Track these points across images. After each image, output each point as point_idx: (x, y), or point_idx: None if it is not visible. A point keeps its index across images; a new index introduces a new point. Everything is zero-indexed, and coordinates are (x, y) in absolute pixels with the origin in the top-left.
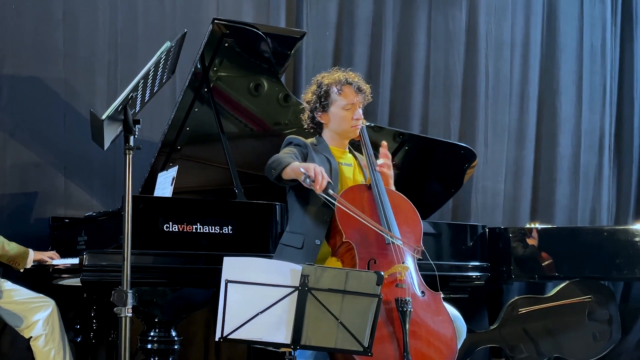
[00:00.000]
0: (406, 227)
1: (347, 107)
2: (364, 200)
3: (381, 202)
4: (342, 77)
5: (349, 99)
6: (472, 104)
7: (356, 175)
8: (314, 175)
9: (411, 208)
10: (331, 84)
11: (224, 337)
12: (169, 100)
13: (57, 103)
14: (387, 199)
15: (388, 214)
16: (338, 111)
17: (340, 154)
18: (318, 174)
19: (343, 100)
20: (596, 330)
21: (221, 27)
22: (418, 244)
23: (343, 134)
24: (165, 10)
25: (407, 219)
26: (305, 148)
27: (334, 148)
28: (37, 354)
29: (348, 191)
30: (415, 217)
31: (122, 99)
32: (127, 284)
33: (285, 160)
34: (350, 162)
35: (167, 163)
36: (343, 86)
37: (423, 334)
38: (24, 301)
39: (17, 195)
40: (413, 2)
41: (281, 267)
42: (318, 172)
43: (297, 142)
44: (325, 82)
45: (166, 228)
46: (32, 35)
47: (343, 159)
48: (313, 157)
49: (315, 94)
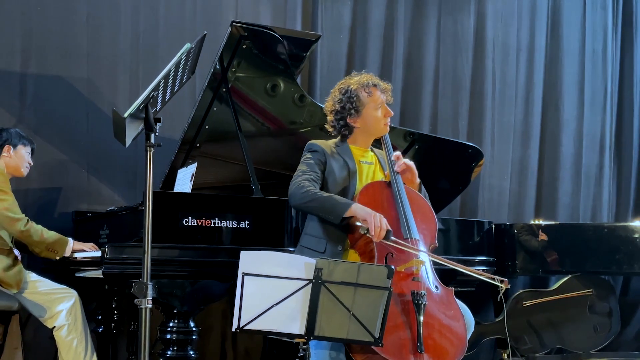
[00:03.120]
0: (423, 224)
1: (379, 106)
2: (383, 197)
3: (400, 198)
4: (368, 80)
5: (380, 99)
6: (480, 105)
7: (377, 172)
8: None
9: (427, 206)
10: (359, 87)
11: (240, 327)
12: (188, 100)
13: (81, 102)
14: (406, 196)
15: (407, 210)
16: (371, 112)
17: (362, 152)
18: (377, 227)
19: (374, 101)
20: (597, 323)
21: (239, 29)
22: (433, 241)
23: (376, 132)
24: (185, 13)
25: (424, 216)
26: (323, 155)
27: (357, 148)
28: (59, 343)
29: (368, 187)
30: (431, 215)
31: (143, 97)
32: (148, 276)
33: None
34: (372, 160)
35: (187, 160)
36: (371, 88)
37: (436, 326)
38: (48, 292)
39: (42, 190)
40: (424, 7)
41: (296, 261)
42: (377, 224)
43: (315, 148)
44: (352, 87)
45: (185, 222)
46: (56, 36)
47: (364, 158)
48: (330, 162)
49: (344, 100)
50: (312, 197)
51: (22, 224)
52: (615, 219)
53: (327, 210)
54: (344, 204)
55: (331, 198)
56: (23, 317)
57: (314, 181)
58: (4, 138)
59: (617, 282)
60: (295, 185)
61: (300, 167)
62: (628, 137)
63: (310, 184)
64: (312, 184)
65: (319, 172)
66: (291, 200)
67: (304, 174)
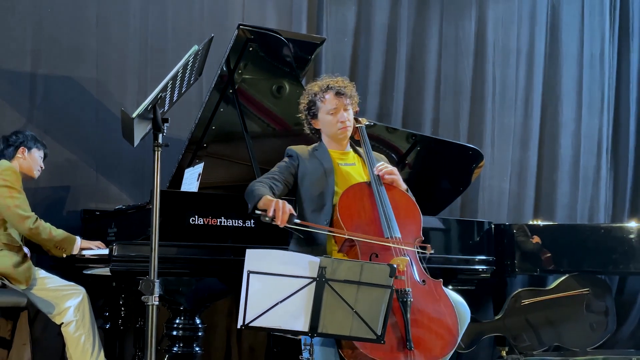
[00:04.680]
0: (406, 220)
1: (331, 111)
2: (364, 197)
3: (380, 198)
4: (324, 85)
5: (331, 104)
6: (480, 107)
7: (361, 173)
8: (273, 213)
9: (410, 202)
10: (315, 92)
11: (245, 324)
12: (196, 101)
13: (90, 102)
14: (387, 195)
15: (387, 210)
16: (324, 116)
17: (340, 155)
18: (278, 209)
19: (326, 106)
20: (593, 321)
21: (246, 32)
22: (418, 235)
23: (334, 136)
24: (193, 15)
25: (407, 213)
26: (296, 159)
27: (333, 151)
28: (67, 339)
29: (349, 189)
30: (415, 210)
31: (151, 98)
32: (155, 273)
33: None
34: (354, 162)
35: (194, 160)
36: (324, 93)
37: (425, 322)
38: (56, 288)
39: (52, 188)
40: (426, 12)
41: (300, 259)
42: (278, 207)
43: (290, 153)
44: (311, 91)
45: (192, 221)
46: (66, 37)
47: (345, 160)
48: (305, 165)
49: (306, 105)
50: (247, 191)
51: (31, 222)
52: (612, 220)
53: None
54: (257, 196)
55: (254, 192)
56: (32, 313)
57: (272, 180)
58: (20, 140)
59: (613, 282)
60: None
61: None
62: (624, 139)
63: (260, 184)
64: (263, 184)
65: (283, 174)
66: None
67: (266, 175)
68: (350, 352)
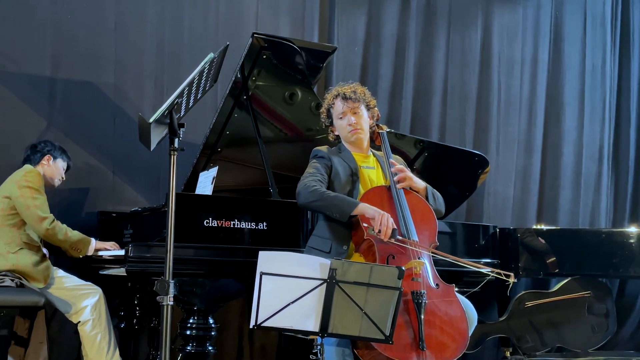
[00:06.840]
0: (422, 225)
1: (340, 116)
2: (384, 200)
3: (399, 202)
4: (334, 92)
5: (339, 108)
6: (486, 115)
7: (379, 176)
8: (379, 227)
9: (427, 207)
10: (329, 101)
11: (257, 324)
12: (210, 106)
13: (108, 107)
14: (405, 199)
15: (405, 214)
16: (336, 122)
17: (362, 158)
18: (384, 225)
19: (336, 111)
20: (594, 323)
21: (260, 40)
22: (433, 240)
23: (347, 140)
24: (209, 24)
25: (423, 217)
26: (329, 160)
27: (356, 154)
28: (84, 338)
29: (369, 192)
30: (431, 216)
31: (168, 104)
32: (169, 274)
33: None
34: (373, 165)
35: (208, 164)
36: (334, 99)
37: (437, 323)
38: (73, 288)
39: (70, 190)
40: (434, 23)
41: (311, 261)
42: (384, 223)
43: (321, 154)
44: (326, 100)
45: (206, 223)
46: (85, 43)
47: (365, 163)
48: (336, 166)
49: (324, 112)
50: (320, 196)
51: (48, 222)
52: (613, 225)
53: (334, 209)
54: (351, 202)
55: (338, 197)
56: (49, 313)
57: (320, 182)
58: (47, 148)
59: (613, 285)
60: (302, 185)
61: (307, 170)
62: (625, 147)
63: (317, 184)
64: (319, 184)
65: (325, 174)
66: (298, 199)
67: (311, 176)
68: (367, 352)
